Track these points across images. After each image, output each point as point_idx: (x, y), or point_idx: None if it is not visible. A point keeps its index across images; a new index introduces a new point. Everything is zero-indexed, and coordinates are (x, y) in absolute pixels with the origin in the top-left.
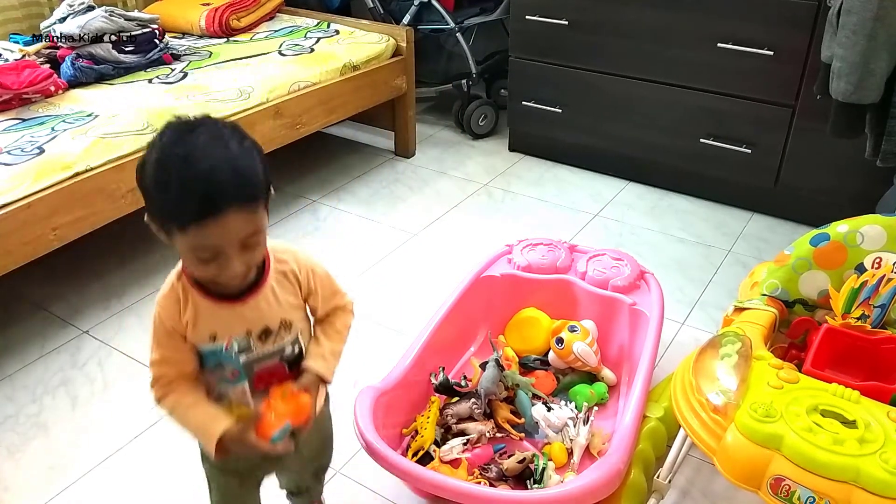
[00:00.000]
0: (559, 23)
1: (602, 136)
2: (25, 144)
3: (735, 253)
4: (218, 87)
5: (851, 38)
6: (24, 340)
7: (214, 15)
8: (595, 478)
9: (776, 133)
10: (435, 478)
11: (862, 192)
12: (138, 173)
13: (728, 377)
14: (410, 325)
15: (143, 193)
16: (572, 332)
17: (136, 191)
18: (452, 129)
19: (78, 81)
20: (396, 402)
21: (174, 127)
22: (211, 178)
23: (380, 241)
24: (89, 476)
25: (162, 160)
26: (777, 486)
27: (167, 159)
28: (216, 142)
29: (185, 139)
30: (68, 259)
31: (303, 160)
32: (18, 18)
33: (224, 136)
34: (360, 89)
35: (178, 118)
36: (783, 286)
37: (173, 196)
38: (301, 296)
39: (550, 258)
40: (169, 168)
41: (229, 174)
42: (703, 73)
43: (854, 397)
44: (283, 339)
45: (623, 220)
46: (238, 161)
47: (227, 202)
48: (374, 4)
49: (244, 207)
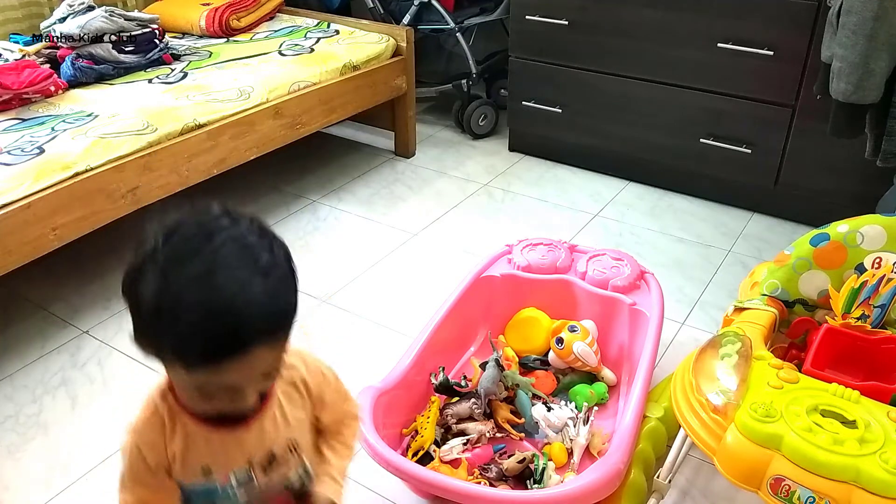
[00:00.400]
0: (559, 23)
1: (602, 136)
2: (25, 144)
3: (735, 253)
4: (218, 87)
5: (851, 38)
6: (24, 340)
7: (214, 15)
8: (595, 478)
9: (776, 133)
10: (435, 478)
11: (862, 192)
12: (127, 284)
13: (728, 377)
14: (410, 325)
15: (130, 310)
16: (572, 332)
17: (137, 191)
18: (452, 129)
19: (78, 81)
20: (396, 402)
21: (184, 228)
22: (235, 310)
23: (380, 241)
24: (89, 476)
25: (168, 278)
26: (777, 486)
27: (175, 279)
28: (242, 256)
29: (201, 250)
30: (68, 259)
31: (303, 160)
32: (18, 18)
33: (252, 247)
34: (360, 89)
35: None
36: (783, 286)
37: (183, 330)
38: (310, 409)
39: (550, 258)
40: (177, 292)
41: (260, 305)
42: (703, 73)
43: (854, 397)
44: (290, 465)
45: (623, 220)
46: (270, 283)
47: (253, 340)
48: (374, 4)
49: (273, 343)
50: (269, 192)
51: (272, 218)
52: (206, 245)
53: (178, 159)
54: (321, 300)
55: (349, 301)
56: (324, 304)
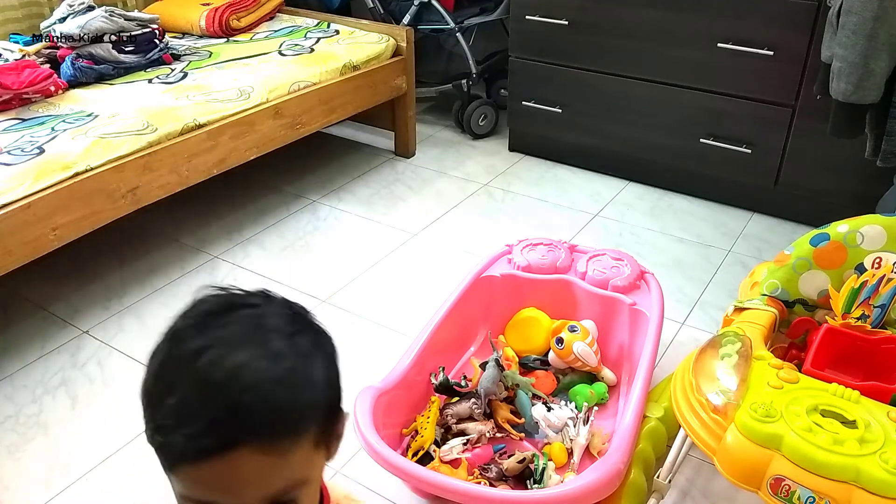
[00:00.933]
0: (559, 23)
1: (602, 136)
2: (25, 144)
3: (735, 253)
4: (218, 87)
5: (851, 38)
6: (24, 340)
7: (214, 15)
8: (595, 478)
9: (776, 133)
10: (435, 478)
11: (862, 192)
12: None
13: (728, 377)
14: (410, 325)
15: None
16: (572, 332)
17: (137, 191)
18: (452, 129)
19: (78, 81)
20: (396, 402)
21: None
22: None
23: (380, 241)
24: (89, 476)
25: (168, 354)
26: (777, 486)
27: (172, 355)
28: (252, 336)
29: (211, 325)
30: (68, 259)
31: (303, 160)
32: (18, 18)
33: (268, 329)
34: (360, 89)
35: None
36: (783, 286)
37: (163, 412)
38: None
39: (550, 258)
40: (168, 369)
41: (254, 392)
42: (703, 73)
43: (854, 397)
44: None
45: (623, 220)
46: (276, 371)
47: (239, 435)
48: (374, 4)
49: (269, 447)
50: (269, 192)
51: (272, 218)
52: (219, 320)
53: (178, 159)
54: (321, 300)
55: (349, 301)
56: (324, 304)
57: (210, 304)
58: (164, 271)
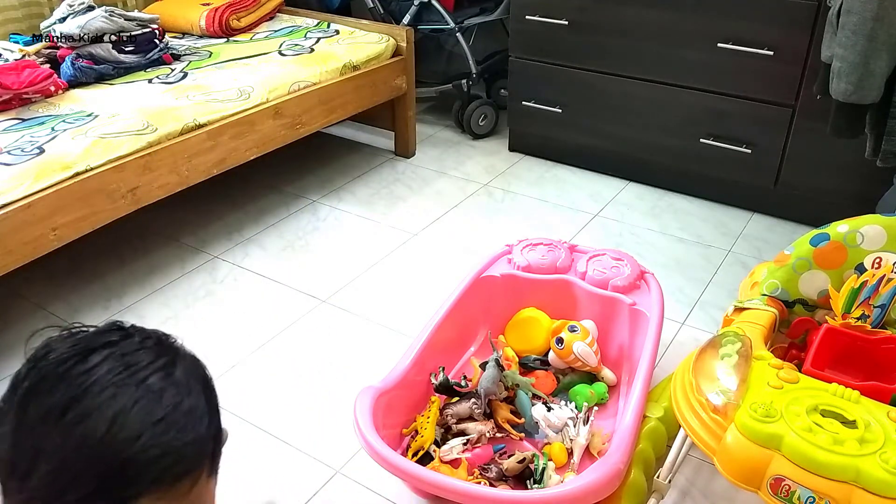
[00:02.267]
0: (559, 23)
1: (602, 136)
2: (25, 144)
3: (735, 253)
4: (218, 87)
5: (851, 38)
6: (23, 341)
7: (214, 15)
8: (595, 478)
9: (776, 133)
10: (435, 478)
11: (862, 192)
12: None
13: (728, 377)
14: (410, 325)
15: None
16: (572, 332)
17: (137, 191)
18: (452, 129)
19: (78, 81)
20: (396, 402)
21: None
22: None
23: (380, 241)
24: None
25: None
26: (777, 486)
27: (29, 416)
28: (124, 377)
29: (68, 375)
30: (68, 259)
31: (303, 160)
32: (18, 18)
33: (139, 366)
34: (360, 89)
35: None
36: (783, 286)
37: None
38: None
39: (550, 258)
40: (27, 433)
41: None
42: (703, 73)
43: (854, 397)
44: None
45: (623, 220)
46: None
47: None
48: (374, 4)
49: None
50: (269, 192)
51: (272, 218)
52: (78, 367)
53: (178, 159)
54: (321, 300)
55: (349, 301)
56: (324, 304)
57: (61, 352)
58: (164, 271)
